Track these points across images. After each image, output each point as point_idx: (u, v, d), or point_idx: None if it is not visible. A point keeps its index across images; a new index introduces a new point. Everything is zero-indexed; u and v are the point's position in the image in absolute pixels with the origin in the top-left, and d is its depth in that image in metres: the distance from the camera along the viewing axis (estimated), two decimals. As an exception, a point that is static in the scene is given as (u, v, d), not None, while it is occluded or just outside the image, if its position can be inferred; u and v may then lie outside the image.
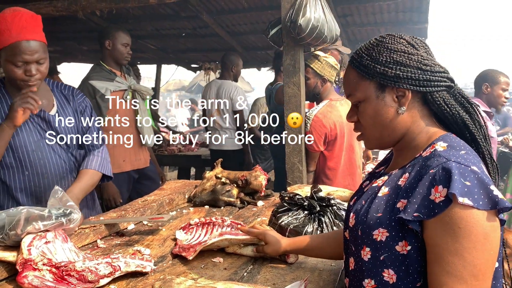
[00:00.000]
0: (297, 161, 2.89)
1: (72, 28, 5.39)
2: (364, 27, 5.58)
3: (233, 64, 4.54)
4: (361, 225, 1.06)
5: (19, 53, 1.77)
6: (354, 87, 1.12)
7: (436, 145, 1.02)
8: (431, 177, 0.94)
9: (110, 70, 3.13)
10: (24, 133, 1.89)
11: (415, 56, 1.05)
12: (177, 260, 1.56)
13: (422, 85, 1.05)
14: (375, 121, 1.10)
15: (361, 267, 1.06)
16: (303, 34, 2.66)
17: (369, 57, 1.08)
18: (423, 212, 0.93)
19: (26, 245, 1.33)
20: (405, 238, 0.98)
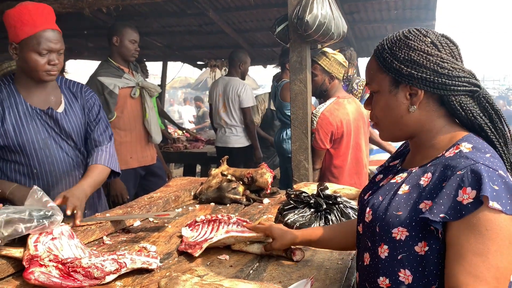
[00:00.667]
0: (303, 158, 2.88)
1: (78, 25, 5.40)
2: (371, 24, 5.54)
3: (240, 62, 4.52)
4: (379, 222, 1.05)
5: (45, 41, 1.83)
6: (372, 77, 1.13)
7: (461, 145, 1.02)
8: (459, 178, 0.94)
9: (118, 66, 3.13)
10: (32, 131, 1.90)
11: (434, 57, 1.04)
12: (183, 257, 1.55)
13: (436, 87, 1.04)
14: (386, 114, 1.12)
15: (376, 264, 1.06)
16: (310, 30, 2.64)
17: (389, 51, 1.08)
18: (450, 214, 0.93)
19: (33, 241, 1.34)
20: (425, 239, 0.98)
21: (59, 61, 1.90)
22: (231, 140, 4.51)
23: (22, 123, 1.88)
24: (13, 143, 1.85)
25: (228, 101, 4.45)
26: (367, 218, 1.10)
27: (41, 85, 1.94)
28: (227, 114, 4.48)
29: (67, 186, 2.00)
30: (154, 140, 3.31)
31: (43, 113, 1.94)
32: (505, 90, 25.00)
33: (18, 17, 1.82)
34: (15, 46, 1.85)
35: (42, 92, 1.96)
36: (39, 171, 1.91)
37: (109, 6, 3.40)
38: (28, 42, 1.82)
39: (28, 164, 1.90)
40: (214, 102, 4.60)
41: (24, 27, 1.82)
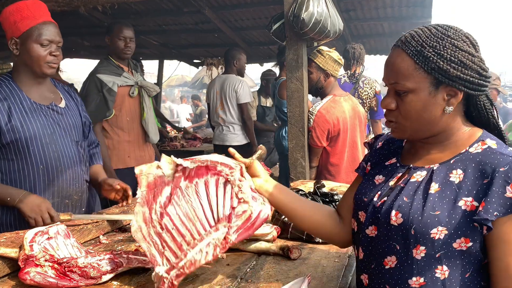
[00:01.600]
0: (300, 156, 2.88)
1: (74, 23, 5.37)
2: (367, 22, 5.53)
3: (234, 59, 4.52)
4: (415, 224, 1.02)
5: (46, 32, 1.88)
6: (405, 76, 1.05)
7: (486, 142, 1.05)
8: (504, 175, 0.97)
9: (118, 65, 3.12)
10: (39, 126, 1.90)
11: (476, 59, 1.03)
12: (179, 256, 1.55)
13: (476, 89, 1.04)
14: (420, 115, 1.07)
15: (410, 265, 1.04)
16: (306, 28, 2.64)
17: (432, 49, 1.02)
18: (501, 210, 0.96)
19: (28, 241, 1.33)
20: (465, 235, 1.00)
21: (59, 53, 1.94)
22: (228, 138, 4.50)
23: (28, 118, 1.89)
24: (20, 138, 1.85)
25: (226, 98, 4.44)
26: (395, 221, 1.06)
27: (40, 81, 1.96)
28: (225, 111, 4.47)
29: (71, 181, 2.02)
30: (151, 139, 3.30)
31: (47, 108, 1.96)
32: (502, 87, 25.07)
33: (18, 12, 1.87)
34: (16, 40, 1.88)
35: (42, 88, 1.98)
36: (45, 167, 1.92)
37: (104, 4, 3.39)
38: (30, 33, 1.86)
39: (35, 160, 1.90)
40: (212, 100, 4.59)
41: (25, 20, 1.86)
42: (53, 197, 1.96)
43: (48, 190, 1.95)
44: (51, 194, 1.96)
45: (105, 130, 3.11)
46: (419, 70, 1.03)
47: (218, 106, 4.50)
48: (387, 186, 1.14)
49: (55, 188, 1.96)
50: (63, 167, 1.97)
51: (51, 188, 1.95)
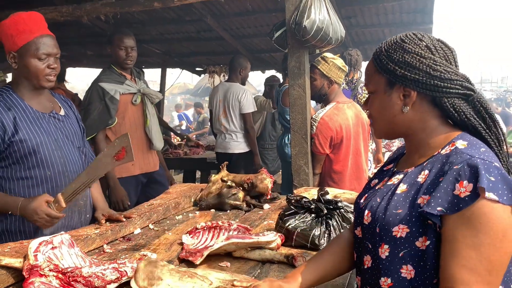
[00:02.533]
0: (303, 163, 2.87)
1: (77, 33, 5.41)
2: (368, 28, 5.55)
3: (241, 67, 4.51)
4: (379, 222, 1.06)
5: (43, 46, 1.88)
6: (369, 78, 1.18)
7: (456, 143, 1.05)
8: (455, 172, 0.97)
9: (120, 73, 3.13)
10: (44, 134, 1.92)
11: (427, 60, 1.07)
12: (183, 265, 1.55)
13: (429, 89, 1.07)
14: (380, 114, 1.16)
15: (378, 265, 1.07)
16: (307, 36, 2.65)
17: (385, 53, 1.12)
18: (447, 207, 0.95)
19: (33, 250, 1.33)
20: (425, 234, 1.00)
21: (57, 65, 1.94)
22: (231, 146, 4.50)
23: (33, 126, 1.91)
24: (27, 146, 1.87)
25: (229, 107, 4.43)
26: (366, 220, 1.12)
27: (40, 91, 1.98)
28: (227, 120, 4.47)
29: None
30: (155, 147, 3.30)
31: (49, 116, 1.98)
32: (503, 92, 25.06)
33: (14, 26, 1.87)
34: (14, 54, 1.88)
35: (42, 98, 2.00)
36: (52, 173, 1.94)
37: (107, 14, 3.40)
38: (27, 48, 1.86)
39: (42, 167, 1.91)
40: (214, 108, 4.59)
41: (21, 35, 1.86)
42: None
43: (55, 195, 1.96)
44: None
45: (108, 138, 3.11)
46: (376, 72, 1.14)
47: (221, 114, 4.50)
48: (374, 189, 1.20)
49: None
50: (69, 173, 1.99)
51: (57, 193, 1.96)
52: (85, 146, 2.21)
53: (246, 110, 4.40)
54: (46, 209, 1.75)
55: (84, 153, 2.14)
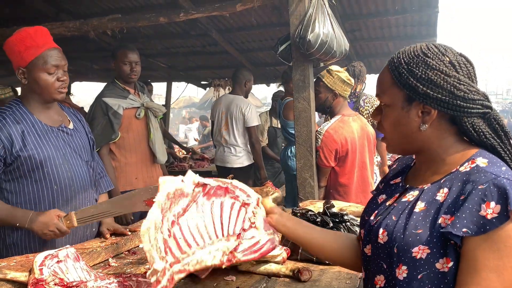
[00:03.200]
0: (308, 176, 2.87)
1: (83, 47, 5.48)
2: (372, 41, 5.58)
3: (246, 79, 4.47)
4: (397, 243, 1.01)
5: (51, 59, 1.90)
6: (384, 90, 1.10)
7: (476, 160, 1.01)
8: (481, 192, 0.92)
9: (123, 87, 3.16)
10: (52, 148, 1.93)
11: (451, 78, 1.02)
12: (189, 279, 1.54)
13: (451, 108, 1.03)
14: (395, 129, 1.10)
15: (393, 286, 1.03)
16: (312, 49, 2.66)
17: (406, 66, 1.05)
18: (472, 228, 0.91)
19: (38, 264, 1.33)
20: (446, 255, 0.96)
21: (66, 77, 1.97)
22: (230, 160, 4.43)
23: (42, 140, 1.92)
24: (35, 160, 1.88)
25: (232, 120, 4.39)
26: (381, 239, 1.06)
27: (49, 105, 2.00)
28: (228, 133, 4.42)
29: (83, 200, 2.04)
30: (159, 160, 3.31)
31: (57, 130, 2.00)
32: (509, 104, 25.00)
33: (21, 42, 1.89)
34: (23, 70, 1.90)
35: (51, 112, 2.02)
36: (59, 187, 1.95)
37: (114, 28, 3.45)
38: (35, 63, 1.89)
39: (49, 180, 1.92)
40: (216, 119, 4.54)
41: (29, 50, 1.89)
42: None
43: (62, 210, 1.96)
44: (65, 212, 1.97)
45: (112, 152, 3.13)
46: (394, 85, 1.07)
47: (223, 127, 4.45)
48: (385, 205, 1.14)
49: (68, 207, 1.97)
50: (76, 187, 1.99)
51: (65, 208, 1.97)
52: (94, 159, 2.22)
53: (251, 124, 4.35)
54: (57, 223, 1.78)
55: (92, 167, 2.14)
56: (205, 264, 1.13)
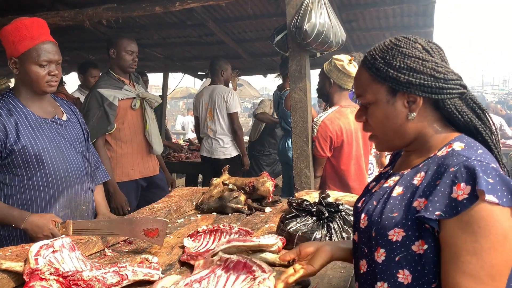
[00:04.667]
0: (304, 166, 2.87)
1: (79, 38, 5.43)
2: (369, 32, 5.55)
3: (222, 69, 4.52)
4: (375, 226, 1.04)
5: (44, 53, 1.88)
6: (365, 89, 1.11)
7: (453, 145, 1.03)
8: (452, 175, 0.94)
9: (119, 78, 3.14)
10: (46, 140, 1.92)
11: (429, 63, 1.04)
12: (185, 268, 1.55)
13: (435, 92, 1.04)
14: (385, 125, 1.10)
15: (373, 270, 1.05)
16: (308, 39, 2.65)
17: (382, 60, 1.07)
18: (445, 211, 0.93)
19: (33, 254, 1.33)
20: (422, 237, 0.98)
21: (58, 71, 1.94)
22: (217, 152, 4.45)
23: (35, 132, 1.91)
24: (29, 152, 1.88)
25: (215, 108, 4.39)
26: (363, 224, 1.10)
27: (41, 97, 1.98)
28: (213, 122, 4.42)
29: (79, 191, 2.04)
30: (155, 151, 3.31)
31: (51, 122, 1.99)
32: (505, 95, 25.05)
33: (16, 32, 1.87)
34: (15, 60, 1.89)
35: (44, 103, 2.00)
36: (54, 179, 1.94)
37: (109, 18, 3.42)
38: (28, 55, 1.87)
39: (44, 173, 1.92)
40: (200, 112, 4.55)
41: (23, 41, 1.86)
42: (63, 208, 1.97)
43: (58, 202, 1.96)
44: (61, 206, 1.97)
45: (108, 143, 3.12)
46: (374, 81, 1.08)
47: (207, 117, 4.46)
48: (371, 192, 1.17)
49: (64, 199, 1.97)
50: (71, 178, 1.99)
51: (60, 199, 1.97)
52: (89, 151, 2.21)
53: (233, 110, 4.36)
54: (53, 228, 1.79)
55: (87, 158, 2.14)
56: None
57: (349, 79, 2.92)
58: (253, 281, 1.28)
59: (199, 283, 1.30)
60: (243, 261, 1.38)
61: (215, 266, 1.40)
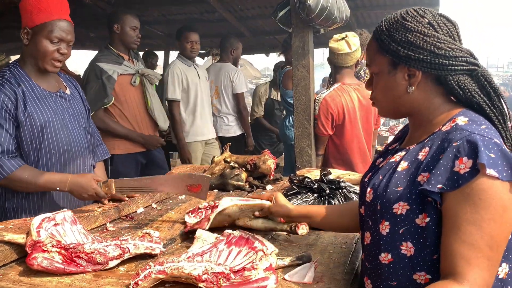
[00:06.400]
0: (306, 145, 2.86)
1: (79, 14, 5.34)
2: (374, 10, 5.46)
3: (232, 47, 4.45)
4: (380, 200, 1.07)
5: (58, 30, 1.88)
6: (372, 59, 1.15)
7: (457, 119, 1.04)
8: (455, 149, 0.96)
9: (118, 54, 3.12)
10: (52, 112, 1.93)
11: (431, 38, 1.04)
12: (186, 243, 1.55)
13: (434, 68, 1.05)
14: (385, 94, 1.14)
15: (378, 241, 1.08)
16: (312, 15, 2.61)
17: (387, 32, 1.09)
18: (447, 184, 0.95)
19: (35, 227, 1.33)
20: (425, 211, 1.00)
21: (68, 52, 1.94)
22: (222, 130, 4.42)
23: (41, 104, 1.91)
24: (35, 124, 1.88)
25: (221, 87, 4.34)
26: (368, 198, 1.12)
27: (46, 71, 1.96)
28: (219, 101, 4.38)
29: (81, 166, 2.05)
30: (161, 127, 3.31)
31: (55, 95, 1.98)
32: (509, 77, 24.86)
33: (36, 4, 1.87)
34: (28, 30, 1.89)
35: (49, 77, 2.01)
36: (57, 151, 1.95)
37: (109, -7, 3.37)
38: (42, 28, 1.86)
39: (48, 145, 1.92)
40: None
41: (41, 14, 1.86)
42: None
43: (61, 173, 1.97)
44: None
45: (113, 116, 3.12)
46: (379, 52, 1.12)
47: (213, 95, 4.40)
48: (377, 167, 1.20)
49: (64, 171, 1.97)
50: (74, 152, 2.00)
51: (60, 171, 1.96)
52: (91, 126, 2.20)
53: (239, 90, 4.32)
54: (96, 188, 1.82)
55: (90, 133, 2.14)
56: (182, 271, 1.15)
57: (341, 56, 2.85)
58: (255, 256, 1.28)
59: (201, 257, 1.31)
60: (246, 237, 1.38)
61: (217, 241, 1.40)
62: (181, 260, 1.23)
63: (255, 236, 1.38)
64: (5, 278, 1.25)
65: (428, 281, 1.00)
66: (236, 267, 1.23)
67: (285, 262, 1.31)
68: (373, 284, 1.12)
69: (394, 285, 1.05)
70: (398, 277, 1.04)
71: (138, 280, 1.14)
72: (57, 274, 1.25)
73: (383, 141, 4.82)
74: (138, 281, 1.14)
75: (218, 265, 1.18)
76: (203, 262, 1.21)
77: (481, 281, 0.91)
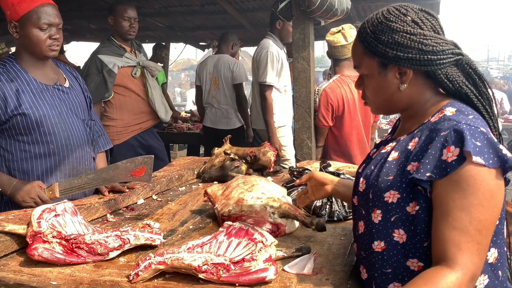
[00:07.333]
0: (306, 137, 2.86)
1: (80, 6, 5.34)
2: (375, 3, 5.43)
3: (234, 42, 4.43)
4: (372, 189, 1.10)
5: (45, 15, 1.84)
6: (359, 61, 1.16)
7: (445, 110, 1.07)
8: (443, 138, 0.99)
9: (120, 45, 3.10)
10: (48, 106, 1.91)
11: (417, 36, 1.06)
12: (186, 234, 1.56)
13: (423, 64, 1.07)
14: (378, 94, 1.16)
15: (371, 230, 1.10)
16: (313, 6, 2.60)
17: (373, 35, 1.10)
18: (436, 172, 0.98)
19: (36, 217, 1.34)
20: (415, 199, 1.03)
21: (59, 35, 1.91)
22: (221, 122, 4.35)
23: (36, 99, 1.89)
24: (30, 119, 1.86)
25: (220, 78, 4.27)
26: (361, 188, 1.15)
27: (43, 62, 1.96)
28: (219, 92, 4.30)
29: (80, 159, 2.03)
30: (162, 119, 3.31)
31: (52, 88, 1.96)
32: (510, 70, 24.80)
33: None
34: (15, 24, 1.86)
35: (46, 69, 1.98)
36: (55, 146, 1.93)
37: (109, -16, 3.35)
38: (28, 17, 1.84)
39: (45, 139, 1.91)
40: (204, 82, 4.41)
41: (22, 4, 1.83)
42: (64, 176, 1.97)
43: (59, 169, 1.96)
44: (62, 173, 1.97)
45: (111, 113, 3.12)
46: (366, 55, 1.13)
47: (212, 87, 4.35)
48: (371, 158, 1.23)
49: (65, 167, 1.97)
50: (73, 146, 1.98)
51: (61, 167, 1.96)
52: (92, 118, 2.18)
53: (239, 81, 4.25)
54: (40, 191, 1.78)
55: (89, 126, 2.12)
56: (182, 262, 1.15)
57: (338, 48, 2.87)
58: (255, 247, 1.29)
59: (201, 248, 1.31)
60: (245, 228, 1.39)
61: (217, 232, 1.41)
62: (181, 251, 1.24)
63: (255, 228, 1.38)
64: (6, 268, 1.26)
65: (421, 269, 1.03)
66: (235, 258, 1.23)
67: (284, 254, 1.32)
68: (368, 272, 1.15)
69: (389, 272, 1.07)
70: (392, 264, 1.07)
71: (138, 270, 1.15)
72: (58, 264, 1.26)
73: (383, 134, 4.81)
74: (138, 272, 1.15)
75: (218, 256, 1.19)
76: (203, 253, 1.22)
77: (472, 265, 0.94)
